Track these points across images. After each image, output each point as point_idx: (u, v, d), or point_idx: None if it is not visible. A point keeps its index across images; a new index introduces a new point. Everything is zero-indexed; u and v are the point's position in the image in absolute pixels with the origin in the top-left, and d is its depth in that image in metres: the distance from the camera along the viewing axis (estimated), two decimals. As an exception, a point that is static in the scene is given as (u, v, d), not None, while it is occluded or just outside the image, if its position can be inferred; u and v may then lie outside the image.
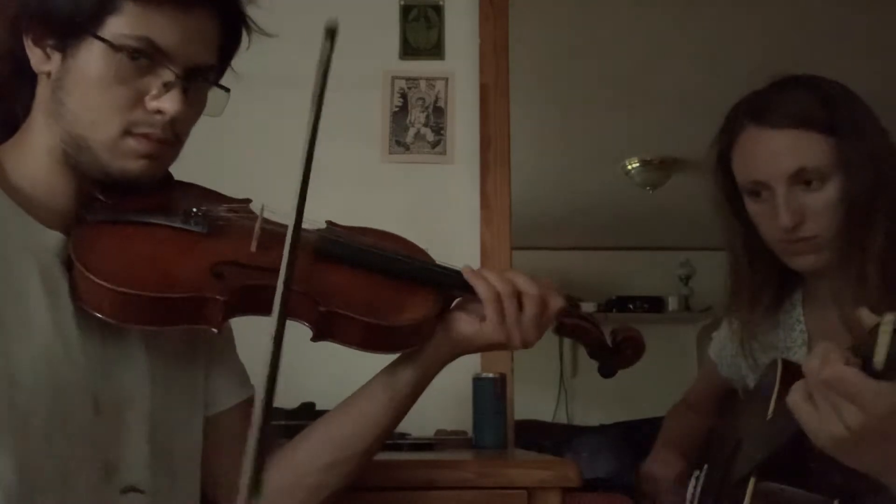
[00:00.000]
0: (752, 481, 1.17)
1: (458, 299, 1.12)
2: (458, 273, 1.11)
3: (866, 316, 0.85)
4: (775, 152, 1.26)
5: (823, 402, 0.88)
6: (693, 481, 1.44)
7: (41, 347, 0.90)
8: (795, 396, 0.91)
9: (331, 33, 0.74)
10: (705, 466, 1.42)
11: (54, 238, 0.96)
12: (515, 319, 1.06)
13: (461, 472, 1.32)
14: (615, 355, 1.20)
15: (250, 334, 1.05)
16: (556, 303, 1.08)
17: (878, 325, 0.82)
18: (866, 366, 0.84)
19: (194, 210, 1.03)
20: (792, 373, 1.16)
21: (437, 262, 1.13)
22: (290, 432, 1.14)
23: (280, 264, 0.84)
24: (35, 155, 0.99)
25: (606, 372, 1.21)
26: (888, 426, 0.85)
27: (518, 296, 1.06)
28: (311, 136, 0.77)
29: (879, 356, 0.81)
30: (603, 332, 1.20)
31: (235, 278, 0.97)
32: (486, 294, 1.05)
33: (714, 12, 3.02)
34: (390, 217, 2.00)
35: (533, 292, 1.06)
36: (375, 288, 1.07)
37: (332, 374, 1.35)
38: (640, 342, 1.19)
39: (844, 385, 0.85)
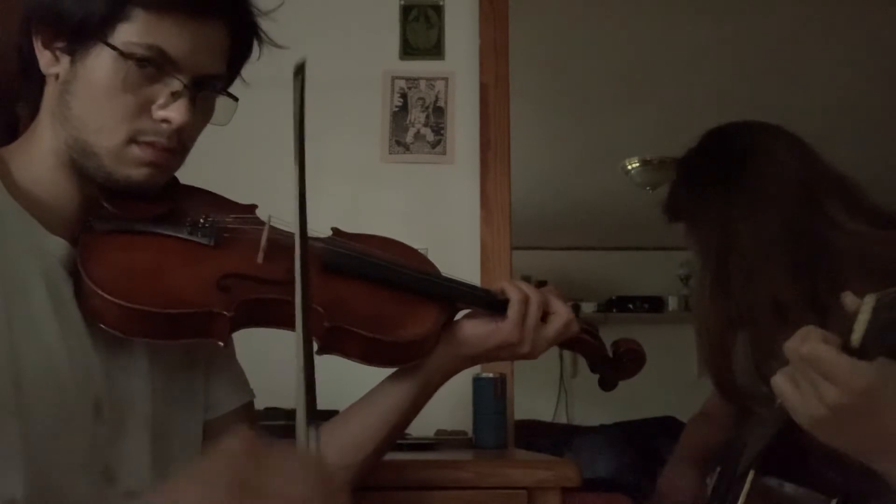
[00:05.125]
0: (751, 475, 1.18)
1: (462, 311, 1.13)
2: (463, 285, 1.11)
3: (849, 300, 0.87)
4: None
5: (803, 381, 0.89)
6: (707, 486, 1.45)
7: (44, 351, 0.90)
8: (778, 378, 0.92)
9: (299, 69, 0.78)
10: (717, 469, 1.43)
11: (58, 244, 0.95)
12: (534, 325, 1.09)
13: (461, 472, 1.32)
14: (616, 368, 1.20)
15: (251, 338, 1.05)
16: (573, 327, 1.13)
17: (860, 307, 0.85)
18: (844, 344, 0.85)
19: (201, 221, 1.02)
20: None
21: (442, 274, 1.13)
22: (290, 432, 1.14)
23: (286, 276, 0.84)
24: (41, 157, 0.98)
25: (608, 385, 1.22)
26: (865, 404, 0.86)
27: (545, 307, 1.10)
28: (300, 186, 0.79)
29: (857, 334, 0.84)
30: (605, 345, 1.21)
31: (241, 291, 0.97)
32: (517, 295, 1.09)
33: (713, 13, 3.02)
34: (390, 217, 2.03)
35: (559, 310, 1.11)
36: (381, 302, 1.07)
37: (332, 374, 1.35)
38: (641, 354, 1.20)
39: (821, 363, 0.86)
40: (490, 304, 1.11)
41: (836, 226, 1.28)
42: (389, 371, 1.11)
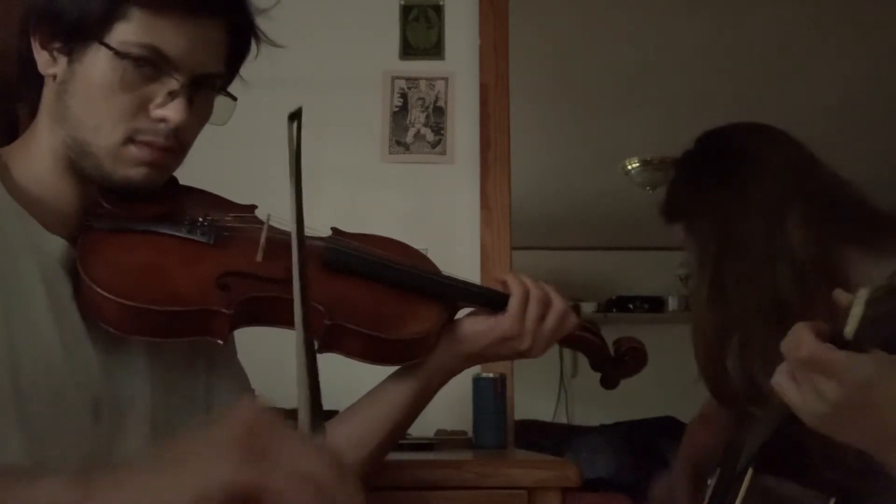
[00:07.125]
0: (749, 473, 1.18)
1: (464, 311, 1.13)
2: (463, 284, 1.12)
3: (842, 295, 0.88)
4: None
5: (804, 381, 0.90)
6: (707, 487, 1.45)
7: (42, 351, 0.89)
8: (779, 378, 0.93)
9: (295, 117, 0.76)
10: (718, 471, 1.43)
11: (57, 244, 0.95)
12: (535, 322, 1.09)
13: (461, 472, 1.32)
14: (618, 366, 1.21)
15: (252, 337, 1.05)
16: (572, 321, 1.12)
17: (852, 300, 0.86)
18: (838, 338, 0.86)
19: (200, 219, 1.02)
20: None
21: (443, 273, 1.13)
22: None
23: (286, 274, 0.84)
24: (40, 158, 0.98)
25: (609, 383, 1.22)
26: (866, 396, 0.87)
27: (546, 302, 1.09)
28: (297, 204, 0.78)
29: (850, 326, 0.85)
30: (606, 344, 1.21)
31: (241, 290, 0.97)
32: (518, 289, 1.09)
33: (713, 13, 3.02)
34: (390, 217, 2.03)
35: (559, 306, 1.11)
36: (381, 300, 1.07)
37: (333, 373, 1.35)
38: (643, 353, 1.20)
39: (819, 362, 0.87)
40: (490, 301, 1.12)
41: (806, 234, 1.29)
42: (390, 370, 1.11)
